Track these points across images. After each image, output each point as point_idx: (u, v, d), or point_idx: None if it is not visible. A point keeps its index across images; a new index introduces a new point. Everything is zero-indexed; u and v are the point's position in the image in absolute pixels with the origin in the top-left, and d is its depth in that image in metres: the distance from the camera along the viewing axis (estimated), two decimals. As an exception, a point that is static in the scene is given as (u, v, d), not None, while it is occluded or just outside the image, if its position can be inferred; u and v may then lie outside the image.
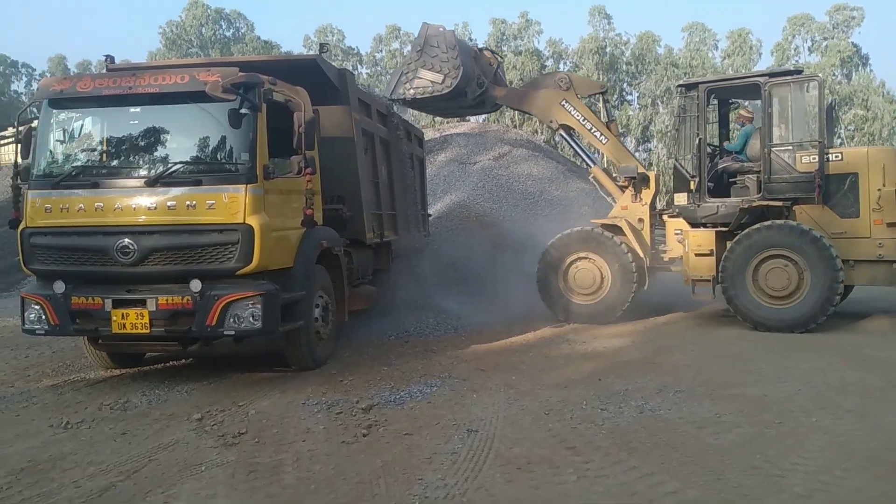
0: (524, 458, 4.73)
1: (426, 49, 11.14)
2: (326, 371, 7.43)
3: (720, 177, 10.16)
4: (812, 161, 9.30)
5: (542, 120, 11.77)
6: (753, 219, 9.48)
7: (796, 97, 9.57)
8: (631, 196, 10.63)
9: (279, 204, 6.92)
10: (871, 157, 9.44)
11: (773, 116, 9.56)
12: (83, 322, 6.72)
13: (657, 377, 6.85)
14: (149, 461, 4.90)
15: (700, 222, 9.97)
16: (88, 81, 6.89)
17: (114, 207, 6.54)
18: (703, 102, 9.96)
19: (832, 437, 5.01)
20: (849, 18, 53.61)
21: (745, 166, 10.08)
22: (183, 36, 57.27)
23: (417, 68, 11.17)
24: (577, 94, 11.43)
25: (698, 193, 9.94)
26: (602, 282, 10.18)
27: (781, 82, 9.65)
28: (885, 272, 9.22)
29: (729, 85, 10.57)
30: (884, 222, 9.13)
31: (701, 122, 9.99)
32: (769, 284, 9.14)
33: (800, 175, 9.36)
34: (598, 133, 11.13)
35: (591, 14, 57.40)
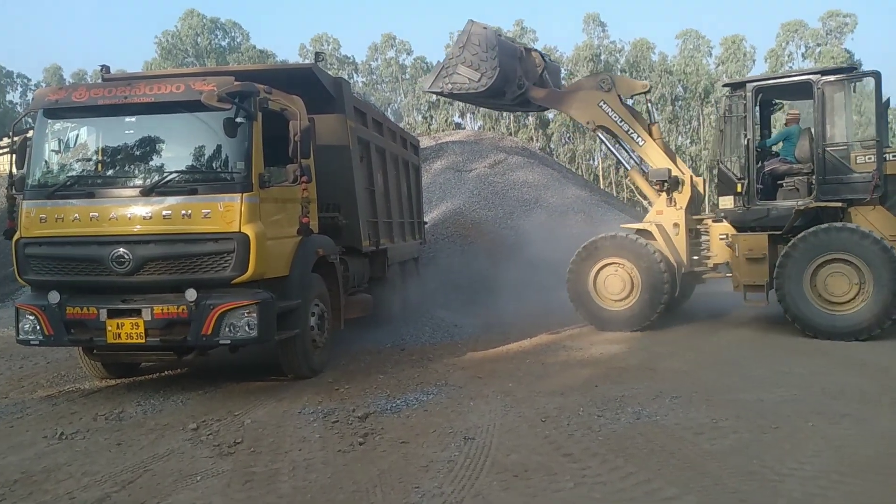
0: (521, 466, 4.71)
1: (468, 46, 11.06)
2: (322, 379, 7.41)
3: (767, 179, 9.86)
4: (868, 161, 9.02)
5: (580, 121, 11.77)
6: (805, 222, 9.21)
7: (851, 95, 9.32)
8: (666, 200, 10.41)
9: (275, 212, 6.92)
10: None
11: (826, 115, 9.24)
12: (78, 332, 6.69)
13: (654, 383, 6.85)
14: (144, 471, 4.88)
15: (749, 226, 9.68)
16: (84, 91, 6.89)
17: (109, 217, 6.53)
18: (750, 102, 9.65)
19: (829, 441, 5.01)
20: (842, 25, 53.98)
21: (794, 168, 9.77)
22: (178, 45, 57.42)
23: (457, 64, 11.11)
24: (620, 95, 11.17)
25: (746, 196, 9.62)
26: (632, 288, 9.93)
27: (835, 80, 9.35)
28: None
29: (778, 84, 10.16)
30: None
31: (749, 122, 9.66)
32: (828, 290, 8.80)
33: (856, 175, 9.06)
34: (634, 135, 10.89)
35: (585, 22, 57.82)
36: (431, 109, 54.18)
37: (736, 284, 9.69)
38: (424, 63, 60.56)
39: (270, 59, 56.71)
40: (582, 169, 50.86)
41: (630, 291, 9.95)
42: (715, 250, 10.19)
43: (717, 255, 10.19)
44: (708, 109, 55.11)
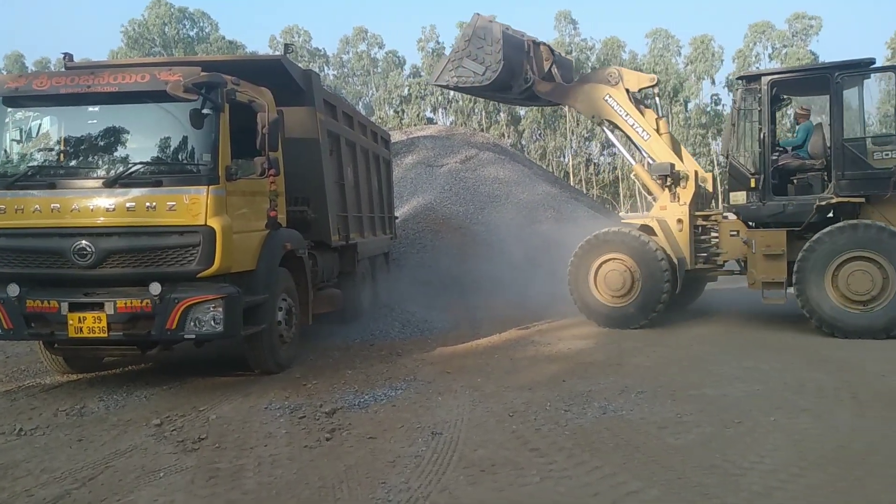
0: (488, 460, 4.73)
1: (473, 39, 11.03)
2: (290, 375, 7.35)
3: (778, 174, 9.63)
4: (886, 157, 8.90)
5: (586, 115, 11.63)
6: (821, 218, 9.15)
7: (870, 89, 9.28)
8: (669, 195, 10.27)
9: (242, 206, 6.84)
10: None
11: (844, 110, 9.10)
12: (38, 326, 6.55)
13: (620, 378, 6.92)
14: (105, 468, 4.79)
15: (764, 222, 9.53)
16: (45, 80, 6.73)
17: (71, 208, 6.39)
18: (766, 96, 9.43)
19: (789, 435, 5.11)
20: (807, 27, 55.03)
21: (807, 163, 9.62)
22: (145, 35, 56.46)
23: (463, 56, 11.08)
24: (628, 89, 11.01)
25: (761, 191, 9.40)
26: (633, 284, 9.81)
27: (853, 74, 9.22)
28: None
29: (794, 77, 10.02)
30: None
31: (764, 116, 9.45)
32: (851, 288, 8.67)
33: (875, 171, 8.89)
34: (640, 129, 10.74)
35: (557, 19, 58.15)
36: (403, 104, 54.04)
37: (752, 281, 9.52)
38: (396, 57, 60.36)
39: (240, 50, 56.04)
40: (553, 166, 51.21)
41: (630, 288, 9.84)
42: (725, 247, 10.04)
43: (727, 252, 10.03)
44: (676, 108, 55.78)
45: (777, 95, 9.88)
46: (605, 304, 9.99)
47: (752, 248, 9.48)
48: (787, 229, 9.27)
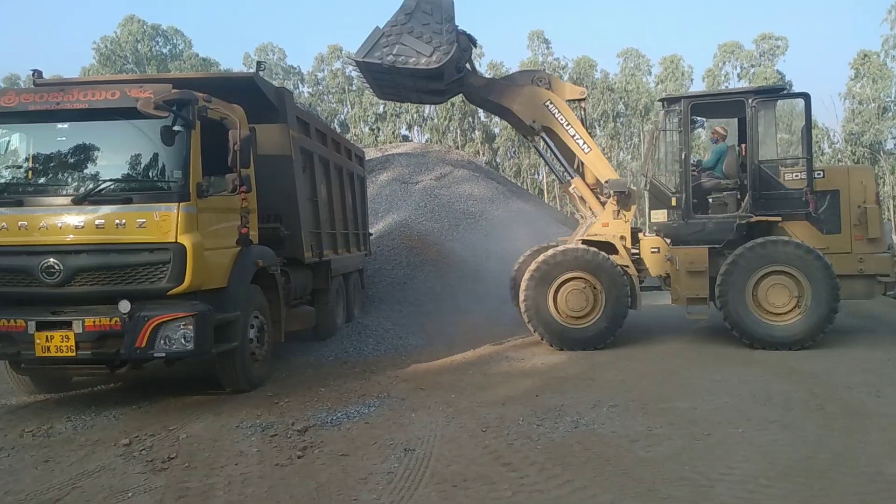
0: (460, 476, 4.73)
1: (417, 14, 9.74)
2: (262, 393, 7.29)
3: (695, 194, 9.88)
4: (797, 178, 9.39)
5: (522, 119, 10.55)
6: (738, 236, 9.43)
7: (782, 113, 9.72)
8: (613, 213, 10.11)
9: (213, 222, 6.81)
10: (851, 175, 9.75)
11: (758, 133, 9.49)
12: (5, 345, 6.43)
13: (592, 393, 6.97)
14: (72, 489, 4.71)
15: (684, 239, 9.75)
16: (13, 96, 6.67)
17: (39, 226, 6.32)
18: (686, 117, 9.71)
19: (757, 447, 5.18)
20: (774, 47, 56.20)
21: (722, 184, 9.94)
22: (118, 52, 55.96)
23: (403, 33, 9.67)
24: None
25: (683, 210, 9.69)
26: (596, 303, 9.57)
27: (767, 99, 9.74)
28: (863, 286, 9.47)
29: (712, 101, 10.35)
30: (864, 238, 9.41)
31: (685, 137, 9.72)
32: (770, 301, 9.07)
33: (788, 191, 9.39)
34: (581, 141, 10.34)
35: (530, 38, 58.68)
36: (378, 121, 54.13)
37: (676, 297, 9.73)
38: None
39: (213, 67, 55.77)
40: (527, 183, 51.48)
41: (593, 307, 9.60)
42: (647, 264, 10.10)
43: (648, 269, 10.10)
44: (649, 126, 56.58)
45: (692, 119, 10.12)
46: (566, 326, 9.64)
47: (675, 265, 9.69)
48: (709, 246, 9.56)
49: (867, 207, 9.45)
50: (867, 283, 9.49)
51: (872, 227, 9.42)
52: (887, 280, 9.45)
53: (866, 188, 9.55)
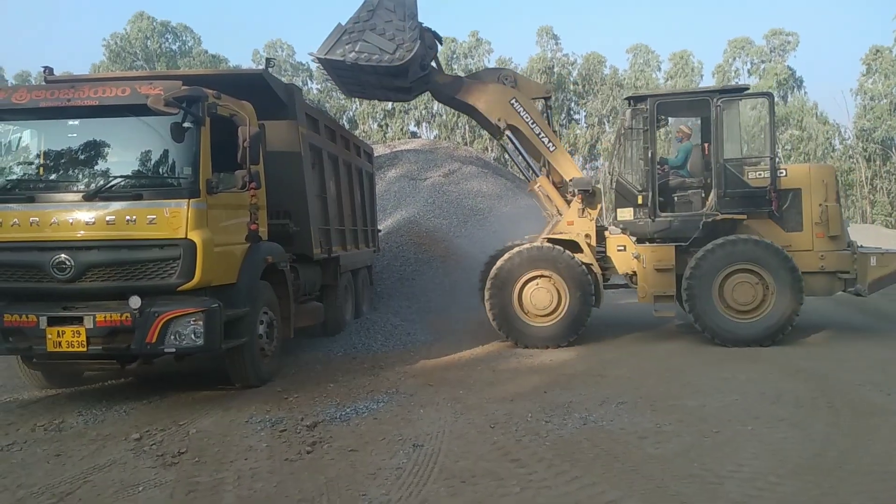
0: (469, 472, 4.74)
1: (380, 11, 9.68)
2: (271, 388, 7.32)
3: (661, 192, 9.99)
4: (761, 176, 9.53)
5: (488, 117, 10.50)
6: (703, 234, 9.53)
7: (746, 113, 9.76)
8: (578, 211, 10.14)
9: (223, 219, 6.83)
10: (813, 174, 9.84)
11: (723, 132, 9.61)
12: (16, 340, 6.48)
13: (601, 389, 6.97)
14: (84, 483, 4.75)
15: (650, 237, 9.85)
16: (24, 93, 6.71)
17: (50, 222, 6.36)
18: (652, 116, 9.81)
19: (766, 445, 5.17)
20: (785, 43, 55.87)
21: (687, 182, 10.12)
22: (127, 49, 56.17)
23: (365, 29, 9.61)
24: None
25: (647, 208, 9.77)
26: (560, 301, 9.62)
27: (731, 98, 9.85)
28: (824, 283, 9.63)
29: (678, 100, 10.52)
30: (825, 236, 9.55)
31: (651, 135, 9.81)
32: (736, 299, 9.23)
33: (751, 189, 9.54)
34: (546, 139, 10.37)
35: (539, 34, 58.52)
36: (387, 118, 54.13)
37: (643, 295, 9.75)
38: (380, 71, 60.37)
39: (223, 64, 55.92)
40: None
41: (558, 305, 9.64)
42: (613, 262, 10.15)
43: (614, 267, 10.16)
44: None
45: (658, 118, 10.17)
46: (530, 324, 9.69)
47: (642, 263, 9.74)
48: (675, 244, 9.65)
49: (828, 206, 9.59)
50: (828, 280, 9.63)
51: (833, 224, 9.57)
52: (847, 277, 9.60)
53: (827, 187, 9.68)
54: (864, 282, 9.49)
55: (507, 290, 9.70)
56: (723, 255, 9.26)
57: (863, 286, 9.51)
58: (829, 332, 10.21)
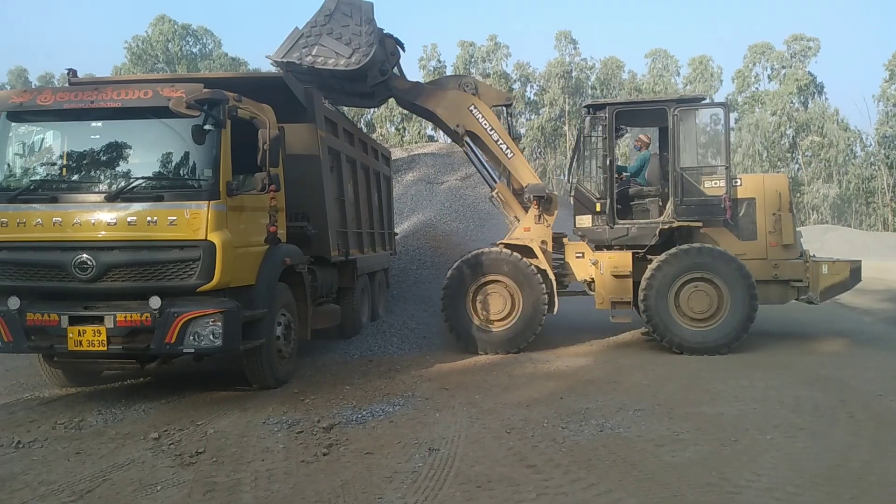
0: (485, 477, 4.74)
1: (336, 15, 9.67)
2: (288, 390, 7.36)
3: (619, 200, 10.07)
4: (716, 185, 9.64)
5: (447, 123, 10.55)
6: (660, 241, 9.61)
7: (703, 123, 9.92)
8: (535, 217, 10.13)
9: (242, 221, 6.88)
10: (766, 184, 9.97)
11: (679, 140, 9.67)
12: (38, 339, 6.56)
13: (618, 396, 6.93)
14: (103, 481, 4.80)
15: (607, 244, 9.89)
16: (49, 95, 6.79)
17: (72, 222, 6.43)
18: (611, 124, 9.85)
19: (785, 454, 5.12)
20: (806, 48, 55.38)
21: (644, 190, 10.20)
22: (149, 51, 56.82)
23: (322, 34, 9.62)
24: None
25: (605, 216, 9.84)
26: (513, 307, 9.67)
27: (688, 108, 9.93)
28: (778, 291, 9.75)
29: (636, 108, 10.60)
30: (779, 245, 9.70)
31: (610, 143, 9.87)
32: (692, 307, 9.30)
33: (707, 198, 9.63)
34: (504, 146, 10.39)
35: (557, 39, 58.48)
36: (405, 121, 54.28)
37: (600, 301, 9.81)
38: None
39: (242, 66, 56.37)
40: (552, 184, 51.27)
41: (511, 311, 9.68)
42: (571, 268, 10.19)
43: (572, 273, 10.19)
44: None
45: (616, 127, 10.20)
46: (483, 329, 9.73)
47: (600, 270, 9.78)
48: (632, 251, 9.73)
49: (781, 215, 9.68)
50: (781, 288, 9.73)
51: (787, 233, 9.69)
52: (800, 285, 9.66)
53: (781, 196, 9.77)
54: (816, 290, 9.60)
55: (461, 294, 9.77)
56: (678, 264, 9.33)
57: (815, 294, 9.61)
58: (849, 340, 10.11)
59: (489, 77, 55.72)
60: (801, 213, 54.86)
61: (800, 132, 54.16)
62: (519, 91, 57.60)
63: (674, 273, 9.32)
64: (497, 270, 9.74)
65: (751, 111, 56.83)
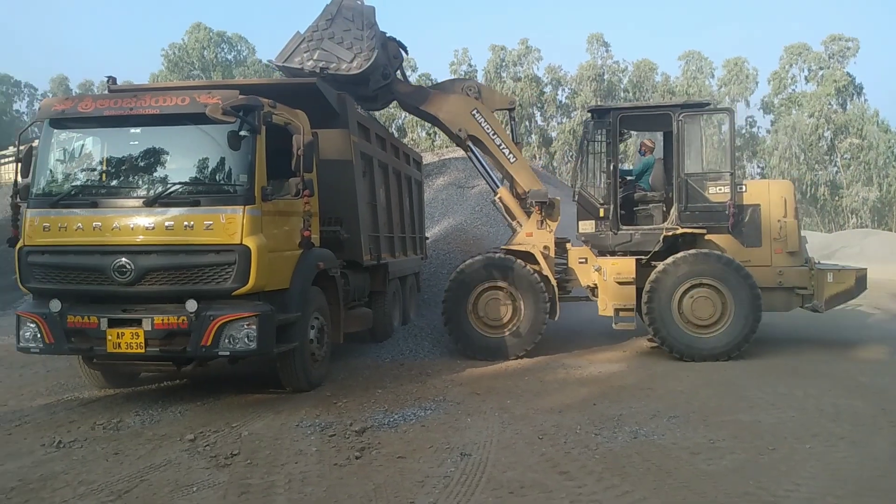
0: (517, 483, 4.72)
1: (338, 20, 9.66)
2: (321, 393, 7.41)
3: (623, 205, 10.00)
4: (721, 191, 9.55)
5: (449, 127, 10.47)
6: (665, 247, 9.52)
7: (708, 129, 9.74)
8: (537, 222, 10.03)
9: (277, 225, 6.96)
10: (772, 190, 9.82)
11: (684, 146, 9.58)
12: (78, 341, 6.70)
13: (651, 402, 6.85)
14: (140, 481, 4.88)
15: (611, 250, 9.83)
16: (90, 102, 6.95)
17: (112, 227, 6.56)
18: (615, 129, 9.80)
19: (825, 464, 5.01)
20: (844, 49, 54.26)
21: (648, 195, 10.12)
22: (185, 58, 57.76)
23: (324, 38, 9.60)
24: None
25: (609, 221, 9.77)
26: (514, 313, 9.57)
27: (693, 114, 9.83)
28: (783, 299, 9.62)
29: (641, 113, 10.49)
30: (784, 252, 9.57)
31: (613, 148, 9.84)
32: (695, 313, 9.19)
33: (712, 205, 9.54)
34: (507, 151, 10.32)
35: (589, 41, 58.12)
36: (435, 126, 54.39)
37: (603, 308, 9.70)
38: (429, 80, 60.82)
39: (276, 73, 56.95)
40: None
41: (512, 317, 9.58)
42: (574, 274, 10.07)
43: (576, 279, 10.07)
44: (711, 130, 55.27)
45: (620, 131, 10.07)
46: (484, 335, 9.61)
47: (603, 276, 9.65)
48: (636, 258, 9.60)
49: (786, 221, 9.53)
50: (786, 296, 9.61)
51: (791, 240, 9.53)
52: (804, 293, 9.51)
53: (786, 203, 9.62)
54: (821, 298, 9.44)
55: (462, 300, 9.66)
56: (682, 270, 9.22)
57: (820, 302, 9.44)
58: (890, 347, 9.85)
59: (520, 81, 55.61)
60: (840, 216, 53.74)
61: (838, 134, 53.06)
62: (550, 94, 57.37)
63: (678, 279, 9.22)
64: (498, 276, 9.63)
65: (787, 113, 55.86)
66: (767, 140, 57.60)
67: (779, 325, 11.10)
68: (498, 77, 57.21)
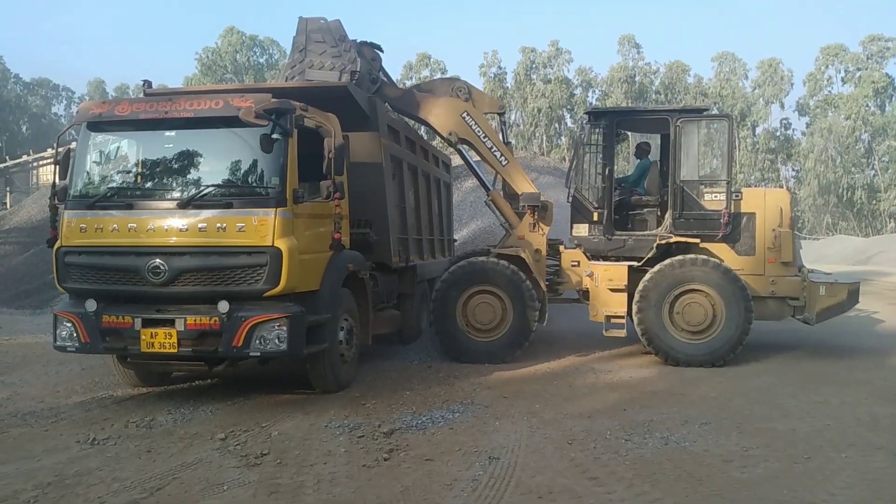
0: (546, 488, 4.69)
1: (310, 46, 9.54)
2: (349, 394, 7.45)
3: (617, 209, 9.89)
4: (716, 199, 9.44)
5: (439, 131, 10.30)
6: (658, 253, 9.40)
7: (705, 135, 9.63)
8: (529, 226, 9.93)
9: (307, 227, 7.01)
10: (768, 199, 9.65)
11: (681, 152, 9.48)
12: (113, 340, 6.82)
13: (683, 409, 6.77)
14: (172, 479, 4.95)
15: (604, 255, 9.73)
16: (126, 105, 7.07)
17: (146, 228, 6.67)
18: (612, 132, 9.73)
19: (862, 474, 4.90)
20: (883, 49, 53.19)
21: (643, 200, 10.01)
22: (218, 62, 58.60)
23: (304, 70, 9.49)
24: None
25: (603, 225, 9.69)
26: (504, 316, 9.42)
27: (691, 119, 9.69)
28: (775, 308, 9.52)
29: (638, 117, 10.37)
30: (777, 261, 9.43)
31: (609, 152, 9.74)
32: (686, 319, 9.12)
33: (707, 212, 9.45)
34: (498, 153, 10.18)
35: (620, 43, 57.79)
36: (464, 128, 54.44)
37: (594, 313, 9.62)
38: (458, 82, 60.85)
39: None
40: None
41: (501, 321, 9.44)
42: (565, 276, 9.97)
43: (567, 282, 9.98)
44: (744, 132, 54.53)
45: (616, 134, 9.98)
46: (473, 339, 9.49)
47: (595, 281, 9.54)
48: (628, 263, 9.50)
49: (781, 231, 9.36)
50: (778, 305, 9.52)
51: (786, 250, 9.37)
52: (796, 303, 9.37)
53: (782, 212, 9.45)
54: (813, 310, 9.32)
55: (451, 302, 9.51)
56: (674, 275, 9.16)
57: (811, 315, 9.32)
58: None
59: (550, 83, 55.40)
60: (878, 220, 52.59)
61: (876, 137, 51.98)
62: (580, 96, 57.06)
63: (669, 285, 9.15)
64: (488, 280, 9.48)
65: (823, 115, 54.87)
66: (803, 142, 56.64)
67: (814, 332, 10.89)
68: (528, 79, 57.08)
